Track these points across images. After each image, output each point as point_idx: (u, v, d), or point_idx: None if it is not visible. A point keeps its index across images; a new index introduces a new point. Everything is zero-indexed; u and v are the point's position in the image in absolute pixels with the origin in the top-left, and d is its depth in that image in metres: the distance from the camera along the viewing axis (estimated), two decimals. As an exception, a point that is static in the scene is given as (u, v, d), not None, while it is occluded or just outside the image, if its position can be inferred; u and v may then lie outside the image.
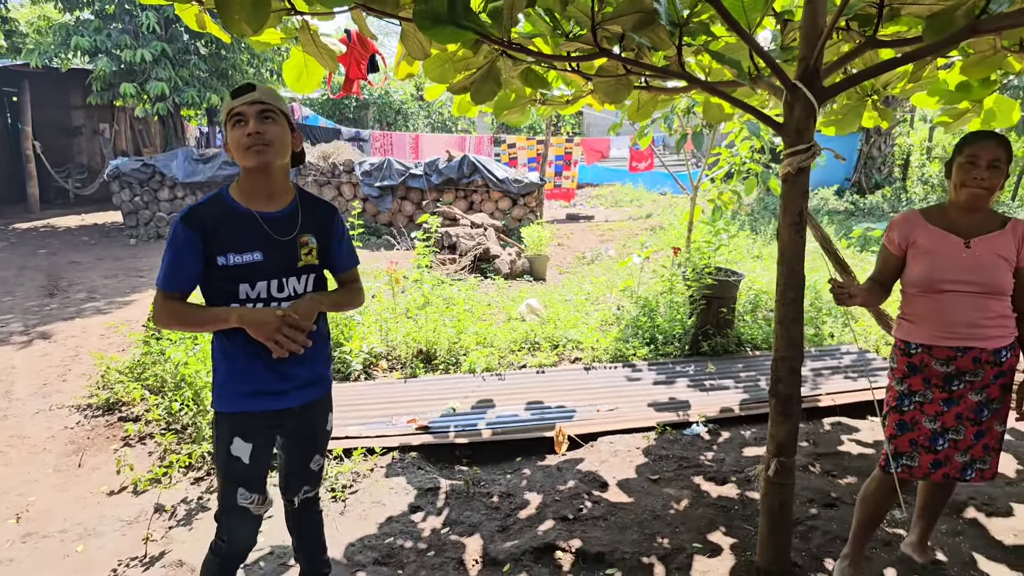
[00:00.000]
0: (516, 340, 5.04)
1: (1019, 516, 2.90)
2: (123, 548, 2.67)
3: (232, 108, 1.77)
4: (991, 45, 2.72)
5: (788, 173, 2.31)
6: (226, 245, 1.77)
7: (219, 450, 1.86)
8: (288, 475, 2.05)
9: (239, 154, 1.78)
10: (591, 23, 2.23)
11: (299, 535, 2.16)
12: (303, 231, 1.87)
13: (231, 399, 1.83)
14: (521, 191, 10.67)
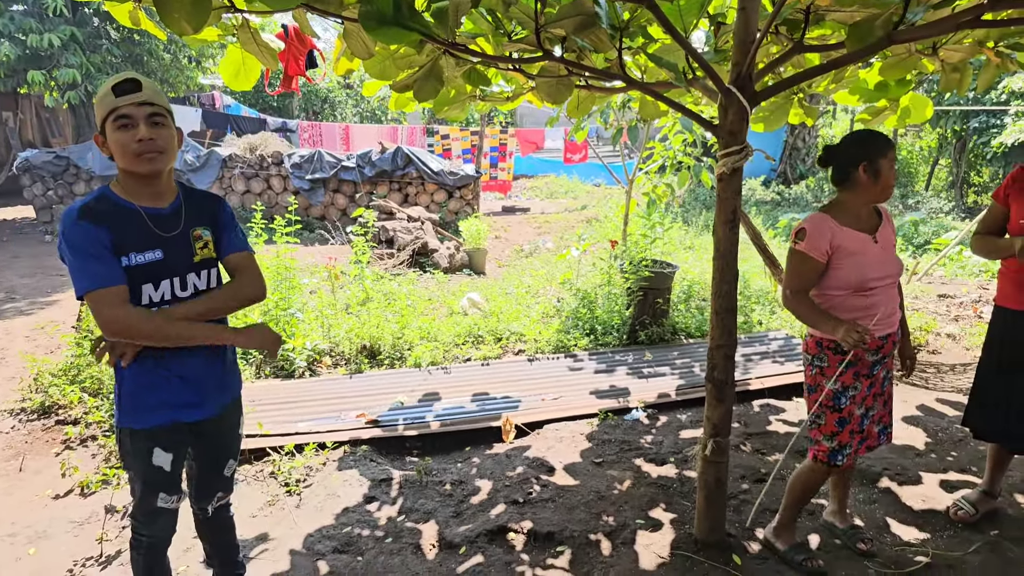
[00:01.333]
0: (460, 334, 5.17)
1: (927, 484, 3.23)
2: (77, 549, 2.66)
3: (117, 108, 1.67)
4: (906, 49, 3.02)
5: (723, 173, 2.51)
6: (126, 245, 1.71)
7: (136, 462, 1.83)
8: (200, 484, 2.05)
9: (127, 159, 1.69)
10: (534, 25, 2.34)
11: (213, 542, 2.17)
12: (192, 225, 1.84)
13: (147, 413, 1.79)
14: (457, 183, 10.75)
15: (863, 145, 2.35)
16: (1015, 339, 2.65)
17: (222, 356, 1.94)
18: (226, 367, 1.96)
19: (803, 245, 2.35)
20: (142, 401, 1.79)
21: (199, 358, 1.85)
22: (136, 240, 1.74)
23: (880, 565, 2.56)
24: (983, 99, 13.22)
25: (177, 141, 1.81)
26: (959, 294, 7.05)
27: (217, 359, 1.92)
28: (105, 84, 1.72)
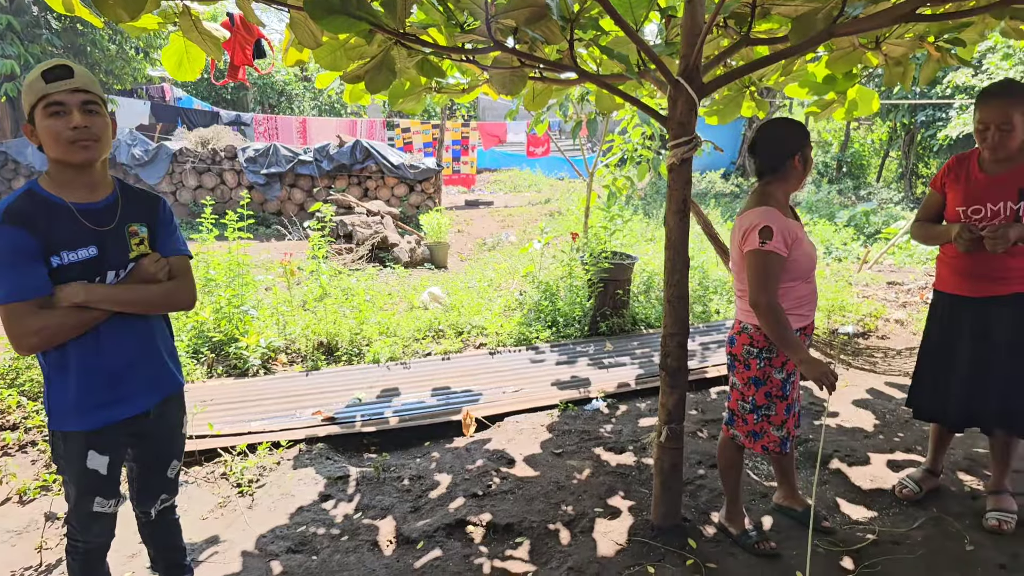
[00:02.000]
0: (420, 328, 5.15)
1: (875, 464, 3.35)
2: (15, 559, 2.57)
3: (48, 95, 1.62)
4: (851, 43, 3.11)
5: (673, 163, 2.56)
6: (56, 243, 1.64)
7: (70, 466, 1.78)
8: (142, 486, 2.00)
9: (60, 148, 1.64)
10: (485, 16, 2.34)
11: (158, 546, 2.12)
12: (127, 220, 1.78)
13: (79, 415, 1.74)
14: (418, 177, 10.69)
15: (796, 134, 2.41)
16: (952, 322, 2.74)
17: (156, 350, 1.89)
18: (160, 360, 1.90)
19: (772, 244, 2.28)
20: (72, 403, 1.74)
21: (130, 353, 1.80)
22: (68, 237, 1.68)
23: (830, 543, 2.65)
24: (929, 93, 13.68)
25: (111, 130, 1.76)
26: (907, 281, 7.30)
27: (150, 353, 1.87)
28: (34, 71, 1.66)
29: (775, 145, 2.41)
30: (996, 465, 2.85)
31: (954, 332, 2.74)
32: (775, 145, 2.41)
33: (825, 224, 9.94)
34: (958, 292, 2.72)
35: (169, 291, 1.85)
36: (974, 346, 2.67)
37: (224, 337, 4.54)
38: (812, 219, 10.28)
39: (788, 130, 2.43)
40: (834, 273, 7.51)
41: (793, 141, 2.39)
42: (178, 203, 10.47)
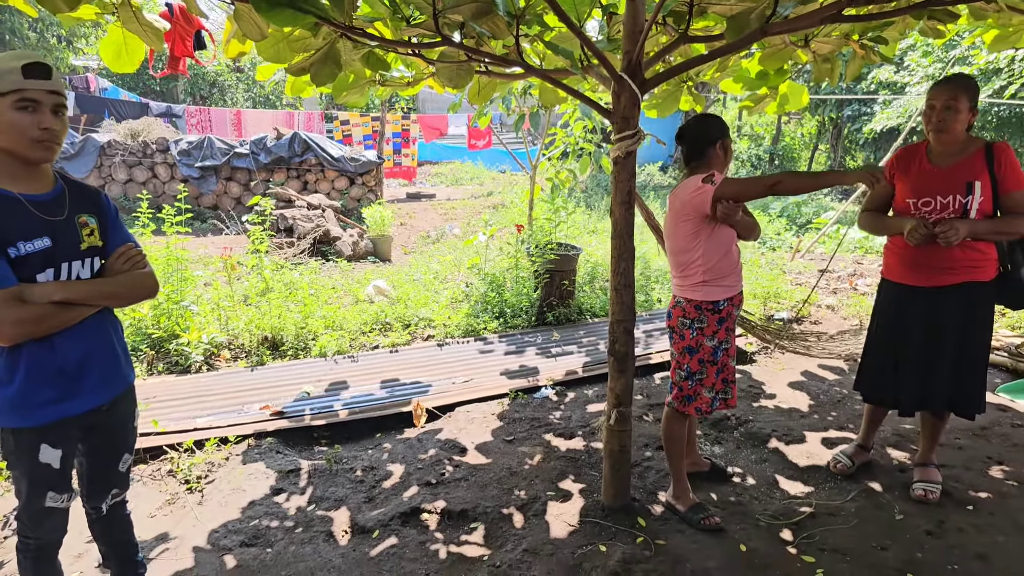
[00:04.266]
0: (366, 322, 5.14)
1: (811, 442, 3.55)
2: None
3: (25, 89, 1.63)
4: (782, 40, 3.27)
5: (618, 156, 2.65)
6: (12, 234, 1.64)
7: (22, 461, 1.77)
8: (93, 481, 1.98)
9: (22, 143, 1.65)
10: (432, 10, 2.37)
11: (110, 542, 2.10)
12: (77, 211, 1.79)
13: (30, 411, 1.73)
14: (359, 170, 10.56)
15: (718, 126, 2.67)
16: (900, 310, 2.89)
17: (110, 345, 1.88)
18: (114, 354, 1.89)
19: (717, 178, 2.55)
20: (23, 398, 1.72)
21: (84, 349, 1.79)
22: (22, 228, 1.67)
23: (770, 517, 2.81)
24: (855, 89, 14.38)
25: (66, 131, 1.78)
26: (837, 269, 7.70)
27: (105, 348, 1.85)
28: (7, 59, 1.64)
29: (700, 135, 2.67)
30: (925, 440, 3.06)
31: (903, 320, 2.87)
32: (700, 135, 2.67)
33: (759, 215, 10.35)
34: (907, 282, 2.85)
35: (136, 281, 1.87)
36: (923, 334, 2.81)
37: (164, 334, 4.42)
38: (748, 210, 10.69)
39: (711, 122, 2.70)
40: (768, 262, 7.85)
41: (715, 131, 2.66)
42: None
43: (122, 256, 1.85)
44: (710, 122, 2.70)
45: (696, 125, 2.71)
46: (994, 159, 2.65)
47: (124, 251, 1.85)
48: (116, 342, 1.91)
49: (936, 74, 11.09)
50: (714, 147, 2.65)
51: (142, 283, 1.89)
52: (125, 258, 1.85)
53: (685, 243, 2.66)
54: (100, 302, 1.80)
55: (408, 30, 2.61)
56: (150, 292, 1.92)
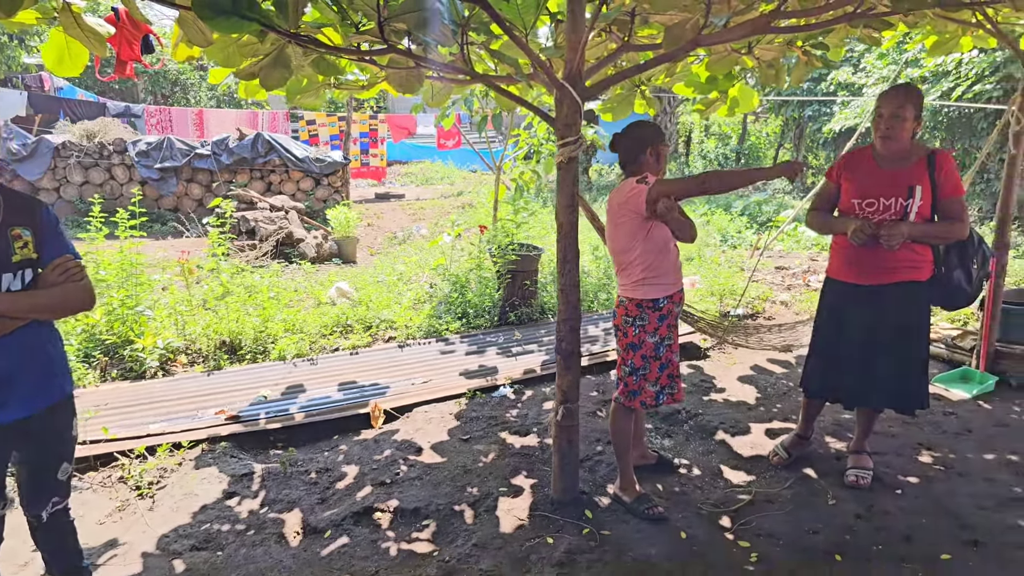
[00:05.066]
0: (327, 324, 5.17)
1: (756, 433, 3.69)
2: None
3: None
4: (725, 48, 3.39)
5: (561, 161, 2.75)
6: None
7: None
8: (32, 489, 1.99)
9: None
10: (377, 19, 2.43)
11: (52, 549, 2.11)
12: (9, 223, 1.78)
13: None
14: (324, 171, 10.54)
15: (650, 133, 2.79)
16: (846, 309, 3.02)
17: (41, 353, 1.89)
18: (47, 366, 1.90)
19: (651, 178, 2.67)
20: None
21: (13, 359, 1.80)
22: None
23: (711, 506, 2.94)
24: (815, 90, 14.73)
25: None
26: (793, 266, 7.93)
27: (36, 359, 1.87)
28: None
29: (632, 142, 2.80)
30: (859, 429, 3.23)
31: (846, 317, 3.02)
32: (632, 142, 2.80)
33: (721, 214, 10.57)
34: (850, 280, 2.99)
35: (68, 294, 1.87)
36: (864, 331, 2.96)
37: (117, 339, 4.41)
38: (710, 208, 10.92)
39: (643, 129, 2.81)
40: (728, 260, 8.04)
41: (647, 138, 2.77)
42: (63, 200, 9.85)
43: (57, 268, 1.85)
44: (642, 129, 2.81)
45: (628, 132, 2.83)
46: (935, 166, 2.81)
47: (60, 263, 1.86)
48: (51, 353, 1.92)
49: (890, 76, 11.42)
50: (645, 153, 2.77)
51: (75, 296, 1.88)
52: (61, 270, 1.85)
53: (624, 243, 2.78)
54: (29, 314, 1.80)
55: (356, 36, 2.66)
56: (84, 305, 1.92)
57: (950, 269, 2.94)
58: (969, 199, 11.08)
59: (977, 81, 9.61)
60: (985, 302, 4.39)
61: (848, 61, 13.99)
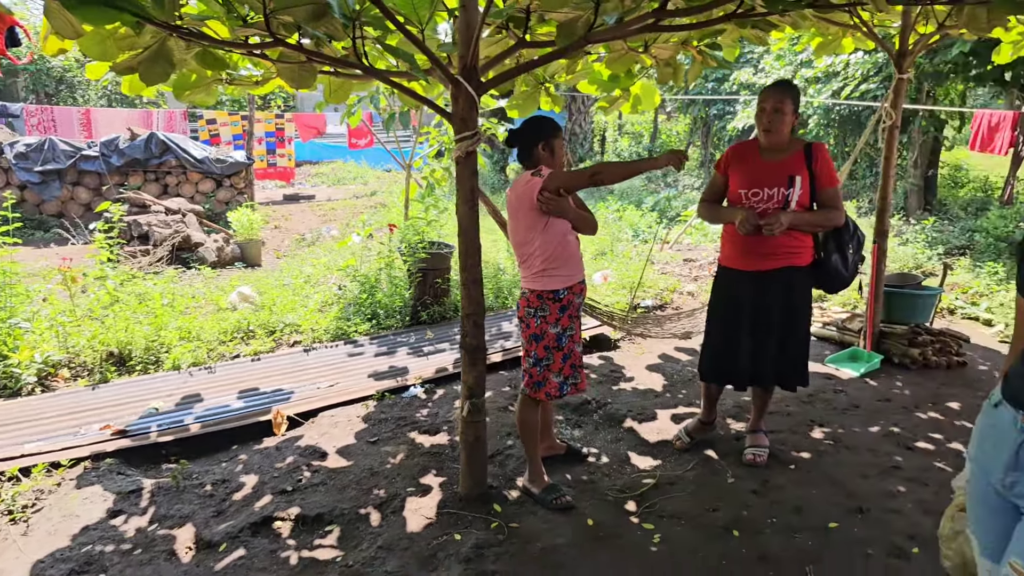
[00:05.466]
0: (226, 330, 4.98)
1: (662, 419, 3.83)
2: None
3: None
4: (622, 46, 3.49)
5: (459, 156, 2.76)
6: None
7: None
8: None
9: None
10: (263, 11, 2.37)
11: None
12: None
13: None
14: (226, 171, 10.14)
15: (540, 128, 2.86)
16: (735, 294, 3.19)
17: None
18: None
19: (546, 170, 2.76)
20: None
21: None
22: None
23: (617, 491, 3.03)
24: (720, 89, 15.42)
25: None
26: (700, 258, 8.27)
27: None
28: None
29: (524, 137, 2.87)
30: (755, 410, 3.42)
31: (736, 303, 3.19)
32: (524, 137, 2.87)
33: (633, 209, 10.90)
34: (738, 267, 3.17)
35: None
36: (753, 314, 3.14)
37: (-11, 356, 4.10)
38: (622, 205, 11.22)
39: (535, 124, 2.88)
40: (639, 254, 8.30)
41: (538, 133, 2.84)
42: (-74, 207, 9.03)
43: None
44: (536, 125, 2.88)
45: (522, 128, 2.90)
46: (812, 157, 3.03)
47: None
48: None
49: (788, 76, 12.11)
50: (538, 147, 2.84)
51: None
52: None
53: (523, 236, 2.83)
54: None
55: (243, 29, 2.58)
56: None
57: (828, 254, 3.16)
58: (862, 191, 11.89)
59: (863, 81, 10.33)
60: (867, 285, 4.74)
61: (749, 62, 14.73)
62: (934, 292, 5.04)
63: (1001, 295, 6.10)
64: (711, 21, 2.92)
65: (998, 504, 1.45)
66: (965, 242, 8.54)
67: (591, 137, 18.92)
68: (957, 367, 4.62)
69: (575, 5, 2.70)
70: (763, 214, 2.99)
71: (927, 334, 4.71)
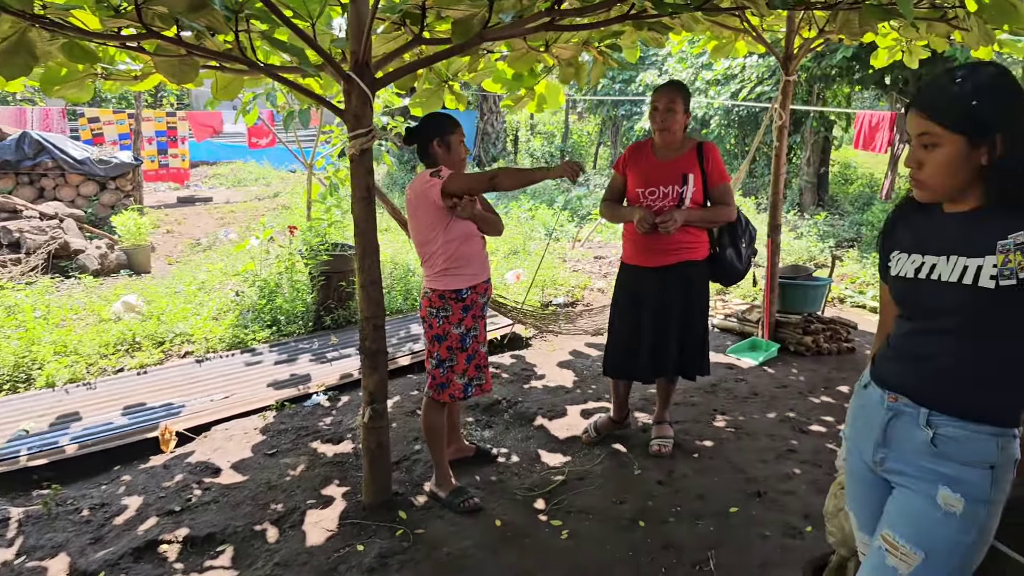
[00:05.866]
0: (109, 343, 4.68)
1: (571, 415, 3.89)
2: None
3: None
4: (524, 45, 3.52)
5: (353, 154, 2.71)
6: None
7: None
8: None
9: None
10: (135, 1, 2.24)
11: None
12: None
13: None
14: (110, 173, 9.53)
15: (436, 125, 2.86)
16: (636, 290, 3.28)
17: None
18: None
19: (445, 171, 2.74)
20: None
21: None
22: None
23: (526, 490, 3.05)
24: (626, 91, 15.89)
25: None
26: (610, 255, 8.48)
27: None
28: None
29: (420, 135, 2.88)
30: (660, 401, 3.53)
31: (637, 299, 3.28)
32: (420, 135, 2.88)
33: (545, 208, 11.05)
34: (638, 263, 3.27)
35: None
36: (654, 309, 3.23)
37: None
38: (534, 204, 11.36)
39: (429, 122, 2.90)
40: (551, 252, 8.42)
41: (431, 131, 2.85)
42: None
43: None
44: (429, 123, 2.89)
45: (418, 126, 2.90)
46: (704, 156, 3.16)
47: None
48: None
49: (689, 78, 12.62)
50: (432, 145, 2.84)
51: None
52: None
53: (424, 235, 2.81)
54: None
55: (116, 20, 2.43)
56: None
57: (723, 249, 3.32)
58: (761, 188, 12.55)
59: (759, 83, 10.92)
60: (764, 278, 5.00)
61: (653, 64, 15.25)
62: (824, 283, 5.39)
63: (884, 284, 6.59)
64: (606, 21, 3.00)
65: (871, 480, 1.54)
66: (853, 235, 9.18)
67: (504, 137, 19.04)
68: (846, 352, 4.94)
69: (470, 3, 2.71)
70: (659, 212, 3.10)
71: (819, 322, 5.02)
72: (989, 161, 1.31)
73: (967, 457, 1.36)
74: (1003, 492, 1.36)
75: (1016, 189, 1.30)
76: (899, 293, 1.50)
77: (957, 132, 1.31)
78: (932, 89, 1.35)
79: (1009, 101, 1.31)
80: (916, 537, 1.38)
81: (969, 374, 1.36)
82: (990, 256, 1.30)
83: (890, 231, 1.56)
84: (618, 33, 3.63)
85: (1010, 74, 1.33)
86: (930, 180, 1.37)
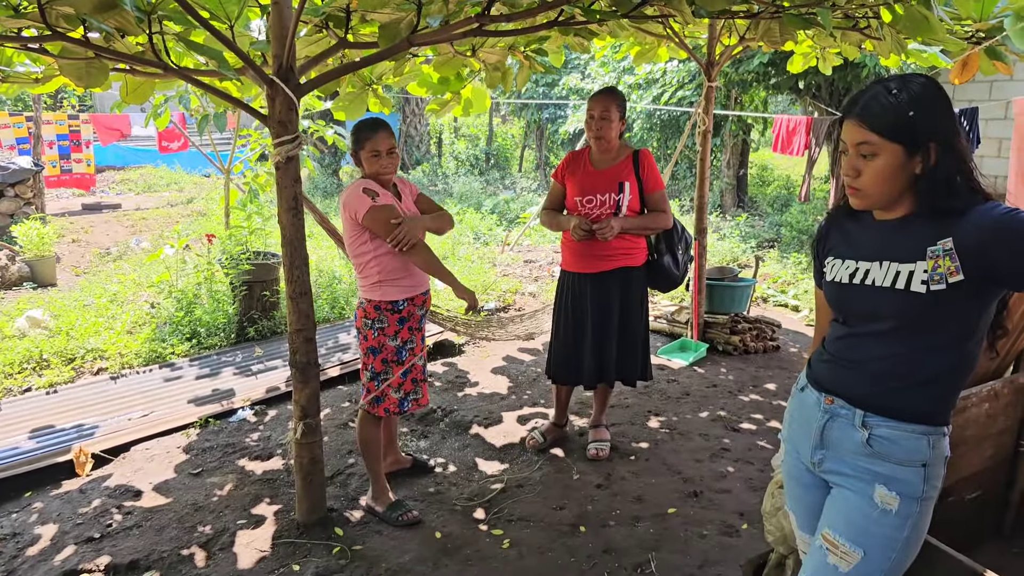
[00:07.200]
0: (13, 361, 4.40)
1: (508, 421, 3.92)
2: None
3: None
4: (449, 49, 3.53)
5: (279, 161, 2.65)
6: None
7: None
8: None
9: None
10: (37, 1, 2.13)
11: None
12: None
13: None
14: (8, 179, 8.96)
15: (354, 137, 2.85)
16: (577, 297, 3.34)
17: None
18: None
19: (381, 199, 2.72)
20: None
21: None
22: None
23: (465, 500, 3.06)
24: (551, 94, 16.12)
25: None
26: (539, 259, 8.59)
27: None
28: None
29: (351, 143, 2.86)
30: (597, 405, 3.61)
31: (578, 305, 3.34)
32: (351, 143, 2.86)
33: (472, 212, 11.07)
34: (578, 270, 3.33)
35: None
36: (595, 315, 3.30)
37: None
38: (461, 208, 11.36)
39: (354, 132, 2.86)
40: (480, 256, 8.45)
41: (354, 140, 2.83)
42: None
43: None
44: (354, 131, 2.86)
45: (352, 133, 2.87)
46: (639, 164, 3.24)
47: None
48: None
49: (612, 82, 12.93)
50: (357, 155, 2.84)
51: None
52: None
53: (359, 247, 2.78)
54: None
55: (16, 20, 2.30)
56: None
57: (660, 255, 3.43)
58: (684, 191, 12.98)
59: (680, 88, 11.28)
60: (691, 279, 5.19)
61: (576, 68, 15.53)
62: (749, 283, 5.63)
63: (805, 283, 6.95)
64: (535, 28, 3.05)
65: (810, 480, 1.60)
66: (773, 235, 9.62)
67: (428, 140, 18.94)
68: (772, 351, 5.18)
69: (396, 6, 2.71)
70: (597, 220, 3.17)
71: (745, 322, 5.24)
72: (923, 170, 1.36)
73: (901, 456, 1.41)
74: (935, 488, 1.43)
75: (945, 197, 1.35)
76: (834, 298, 1.55)
77: (895, 142, 1.35)
78: (869, 100, 1.38)
79: (942, 112, 1.37)
80: (855, 535, 1.43)
81: (902, 376, 1.42)
82: (921, 261, 1.35)
83: (824, 237, 1.61)
84: (544, 38, 3.69)
85: (939, 85, 1.39)
86: (868, 188, 1.41)
